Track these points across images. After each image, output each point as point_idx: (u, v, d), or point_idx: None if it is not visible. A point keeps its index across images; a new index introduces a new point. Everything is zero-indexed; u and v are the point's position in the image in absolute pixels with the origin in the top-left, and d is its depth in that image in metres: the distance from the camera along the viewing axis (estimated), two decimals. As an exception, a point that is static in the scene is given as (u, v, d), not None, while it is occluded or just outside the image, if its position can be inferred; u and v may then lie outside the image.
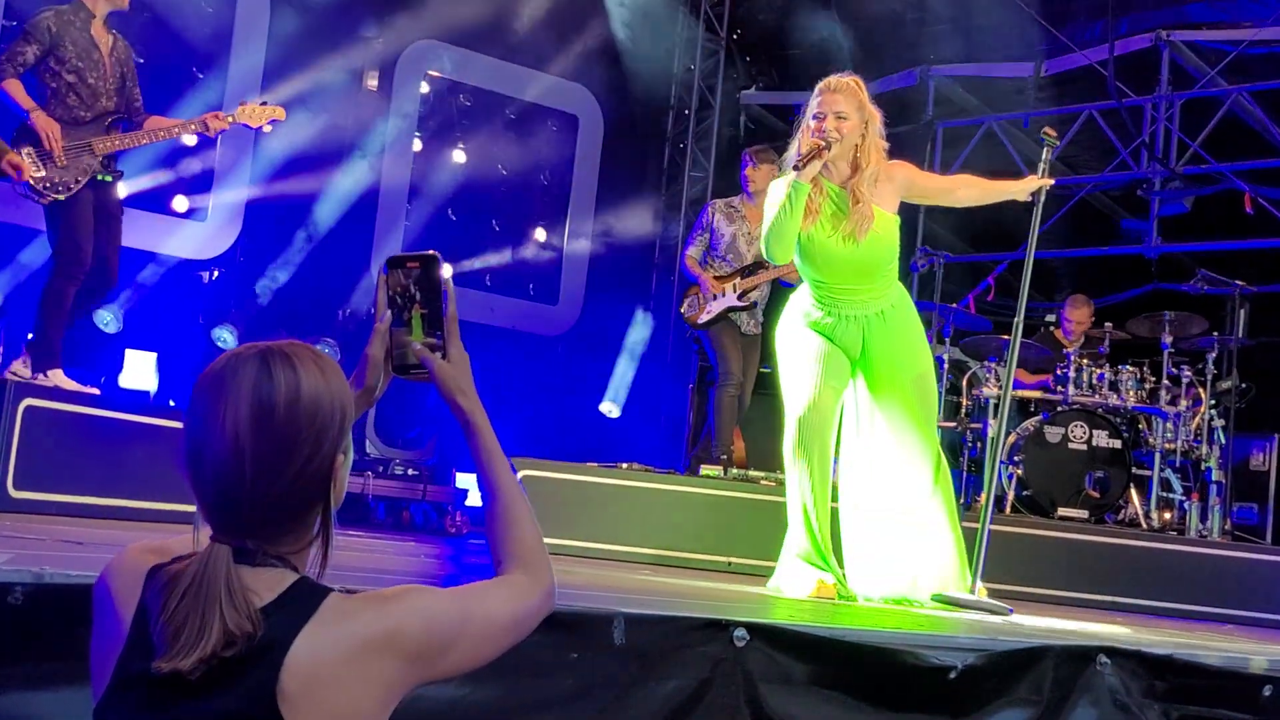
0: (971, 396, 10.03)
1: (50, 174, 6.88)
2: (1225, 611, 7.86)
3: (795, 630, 3.62)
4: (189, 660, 1.91)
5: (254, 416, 2.01)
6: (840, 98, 5.87)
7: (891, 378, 5.99)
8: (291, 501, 2.05)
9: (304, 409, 2.04)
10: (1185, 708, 4.06)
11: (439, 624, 2.06)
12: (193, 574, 1.97)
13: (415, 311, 2.34)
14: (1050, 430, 9.35)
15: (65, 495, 5.82)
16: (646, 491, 7.93)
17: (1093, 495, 9.17)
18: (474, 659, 2.14)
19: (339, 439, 2.10)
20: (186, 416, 2.09)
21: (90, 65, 7.05)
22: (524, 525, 2.32)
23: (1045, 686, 3.88)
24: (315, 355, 2.12)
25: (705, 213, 9.36)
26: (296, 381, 2.05)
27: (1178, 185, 12.05)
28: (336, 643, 1.96)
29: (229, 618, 1.93)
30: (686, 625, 3.48)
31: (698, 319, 9.28)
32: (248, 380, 2.03)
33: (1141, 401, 9.50)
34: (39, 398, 5.78)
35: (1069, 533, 8.30)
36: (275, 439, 2.02)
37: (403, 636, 2.01)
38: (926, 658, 3.72)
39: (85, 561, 2.95)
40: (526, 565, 2.28)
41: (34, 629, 2.68)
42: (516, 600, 2.21)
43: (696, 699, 3.41)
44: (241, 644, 1.92)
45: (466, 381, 2.36)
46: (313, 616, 1.97)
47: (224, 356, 2.10)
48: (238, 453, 2.00)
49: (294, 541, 2.08)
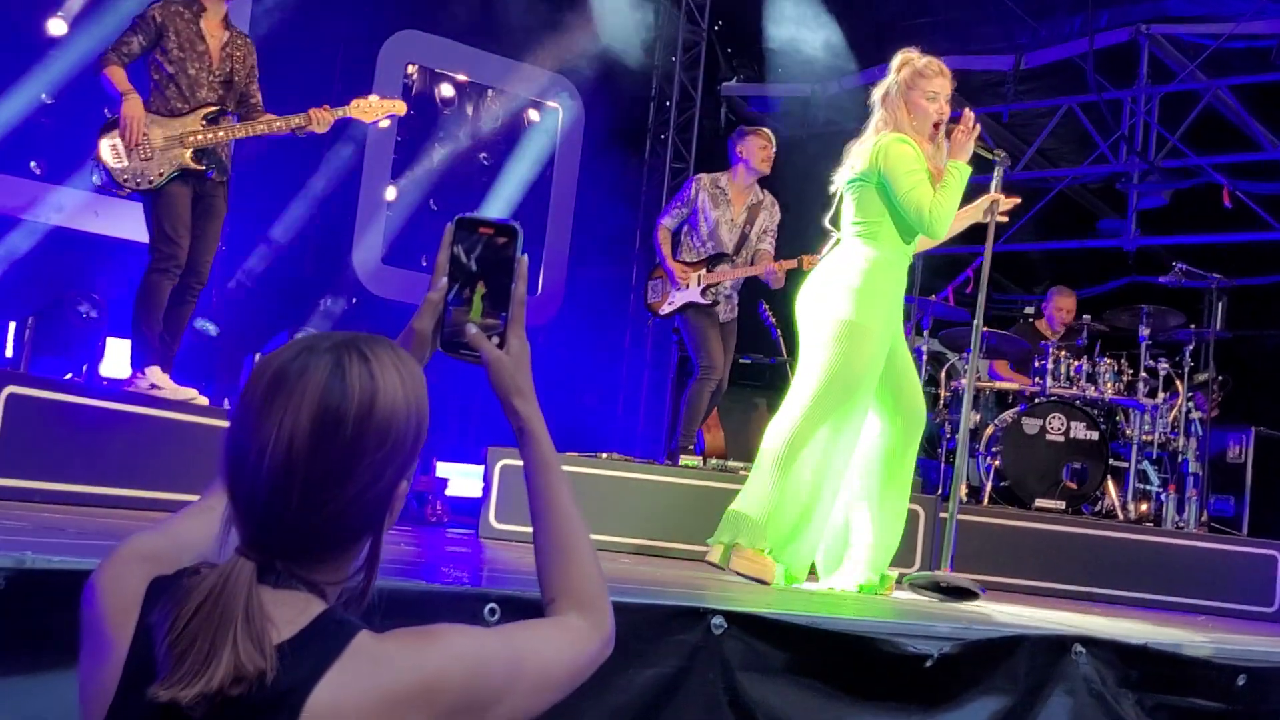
0: (949, 388, 10.07)
1: (133, 165, 6.81)
2: (1201, 602, 7.92)
3: (773, 619, 3.64)
4: (190, 691, 1.64)
5: (316, 428, 1.72)
6: (950, 85, 6.13)
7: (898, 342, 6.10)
8: (340, 528, 1.78)
9: (376, 424, 1.75)
10: (1160, 697, 4.10)
11: (485, 674, 1.78)
12: (208, 589, 1.70)
13: (478, 288, 2.04)
14: (1028, 422, 9.39)
15: (48, 483, 5.81)
16: (626, 481, 7.95)
17: (1070, 487, 9.21)
18: (521, 713, 1.85)
19: (408, 463, 1.81)
20: (236, 410, 1.80)
21: (193, 57, 6.95)
22: (584, 557, 2.03)
23: (1021, 675, 3.91)
24: (397, 358, 1.82)
25: (689, 187, 9.28)
26: (373, 390, 1.75)
27: (1156, 179, 12.12)
28: (363, 695, 1.68)
29: (242, 648, 1.65)
30: (665, 613, 3.49)
31: (659, 308, 9.25)
32: (316, 381, 1.73)
33: (1119, 394, 9.55)
34: (22, 385, 5.77)
35: (1046, 524, 8.35)
36: (337, 458, 1.73)
37: (442, 690, 1.72)
38: (903, 646, 3.74)
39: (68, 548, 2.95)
40: (585, 607, 2.00)
41: (15, 615, 2.68)
42: (576, 648, 1.95)
43: (674, 686, 3.43)
44: (251, 684, 1.65)
45: (525, 379, 2.07)
46: (337, 660, 1.69)
47: (293, 346, 1.80)
48: (289, 467, 1.71)
49: (331, 571, 1.80)
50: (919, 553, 7.67)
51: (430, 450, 11.58)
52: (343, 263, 12.07)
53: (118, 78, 6.84)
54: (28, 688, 2.63)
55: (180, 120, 6.93)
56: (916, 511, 7.68)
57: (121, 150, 6.80)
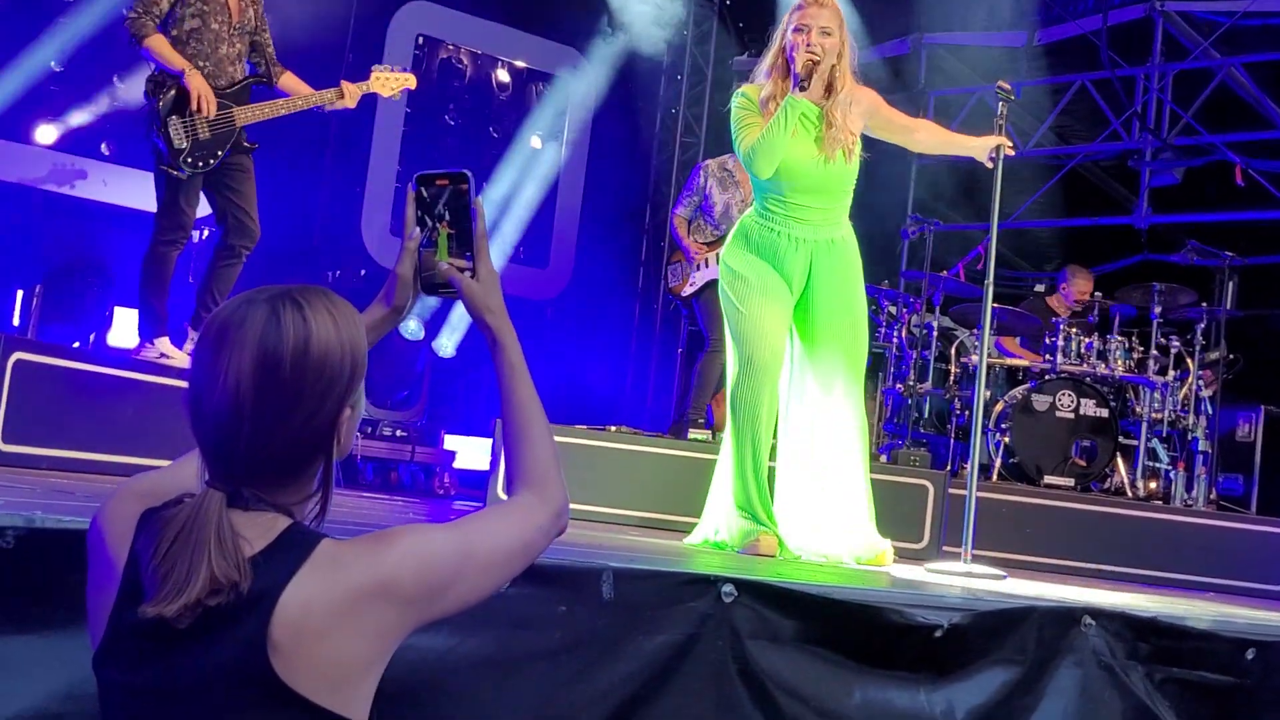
0: (960, 364, 10.04)
1: (195, 145, 6.71)
2: (1209, 580, 7.90)
3: (782, 587, 3.63)
4: (174, 606, 1.87)
5: (257, 369, 1.95)
6: (825, 12, 5.72)
7: (830, 317, 5.87)
8: (291, 455, 2.01)
9: (311, 362, 1.98)
10: (1169, 670, 4.08)
11: (437, 564, 2.00)
12: (184, 518, 1.93)
13: (443, 230, 2.32)
14: (1038, 399, 9.36)
15: (55, 450, 5.80)
16: (634, 454, 7.93)
17: (1079, 464, 9.20)
18: (479, 591, 2.09)
19: (346, 394, 2.04)
20: (192, 360, 2.02)
21: (215, 10, 6.83)
22: (537, 443, 2.30)
23: (1030, 647, 3.89)
24: (330, 302, 2.05)
25: (697, 174, 9.33)
26: (306, 333, 1.98)
27: (1169, 156, 12.07)
28: (328, 592, 1.91)
29: (216, 565, 1.88)
30: (675, 581, 3.49)
31: (681, 290, 9.30)
32: (254, 329, 1.96)
33: (1129, 371, 9.53)
34: (29, 352, 5.76)
35: (1055, 500, 8.32)
36: (278, 393, 1.96)
37: (398, 583, 1.95)
38: (912, 616, 3.73)
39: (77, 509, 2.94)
40: (535, 484, 2.25)
41: (24, 573, 2.69)
42: (524, 523, 2.18)
43: (684, 653, 3.42)
44: (228, 593, 1.88)
45: (495, 299, 2.34)
46: (303, 565, 1.92)
47: (235, 300, 2.03)
48: (237, 405, 1.94)
49: (293, 493, 2.04)
50: (927, 529, 7.64)
51: (438, 424, 11.60)
52: (352, 234, 12.06)
53: (165, 50, 6.67)
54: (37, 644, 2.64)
55: (226, 97, 6.82)
56: (925, 487, 7.65)
57: (184, 131, 6.69)
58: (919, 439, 9.90)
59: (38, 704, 2.62)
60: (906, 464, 7.85)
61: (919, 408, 10.21)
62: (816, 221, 5.84)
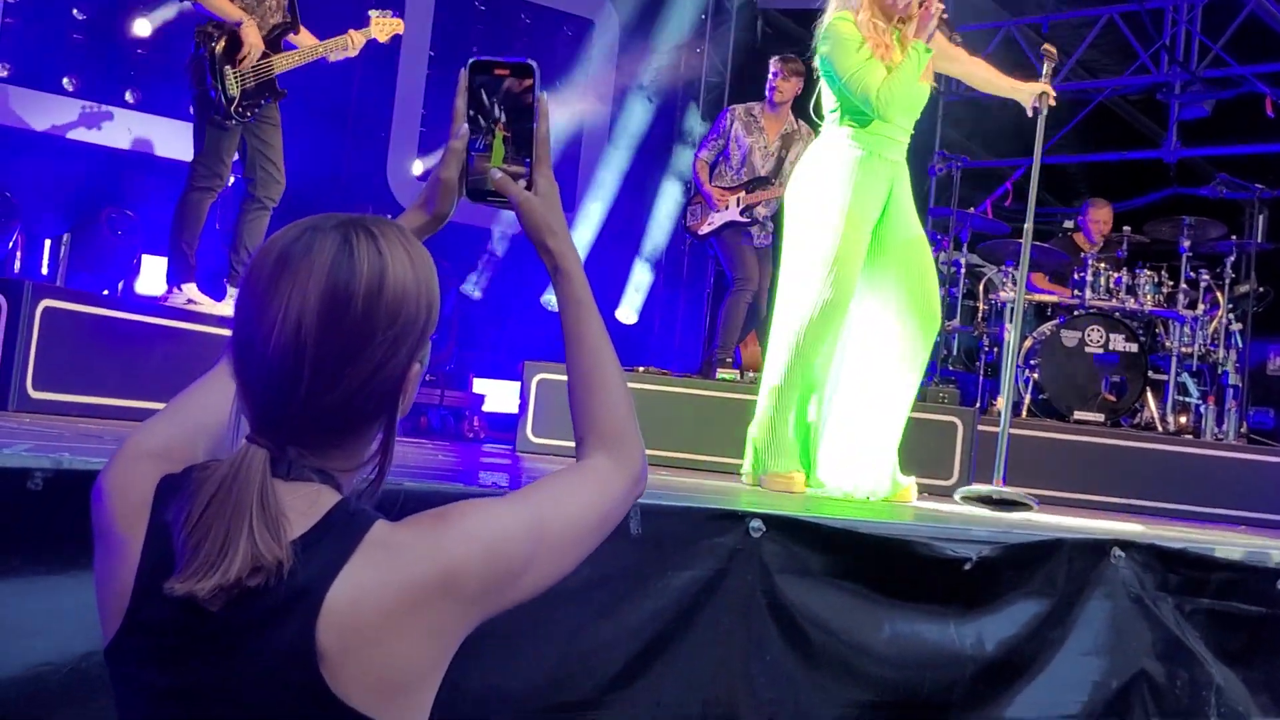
0: (988, 301, 10.01)
1: (244, 94, 6.82)
2: (1240, 514, 7.87)
3: (810, 521, 3.64)
4: (208, 583, 1.60)
5: (325, 306, 1.66)
6: None
7: (903, 238, 5.89)
8: (350, 412, 1.72)
9: (386, 304, 1.69)
10: (1198, 600, 4.09)
11: (507, 549, 1.72)
12: (221, 479, 1.65)
13: (498, 131, 1.98)
14: (1067, 334, 9.32)
15: (83, 396, 5.84)
16: (662, 395, 7.94)
17: (1109, 399, 9.16)
18: (554, 575, 1.80)
19: (418, 345, 1.76)
20: (242, 293, 1.73)
21: None
22: (612, 393, 1.96)
23: (1060, 579, 3.90)
24: (406, 239, 1.77)
25: (724, 118, 9.35)
26: (382, 268, 1.70)
27: (1198, 89, 11.96)
28: (383, 588, 1.63)
29: (259, 537, 1.61)
30: (703, 516, 3.49)
31: (698, 229, 9.33)
32: (323, 259, 1.68)
33: (1159, 305, 9.48)
34: (57, 299, 5.78)
35: (1085, 436, 8.30)
36: (346, 335, 1.67)
37: (464, 574, 1.67)
38: (942, 550, 3.73)
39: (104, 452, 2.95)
40: (611, 444, 1.92)
41: (53, 514, 2.70)
42: (601, 493, 1.87)
43: (712, 588, 3.44)
44: (269, 574, 1.60)
45: (557, 219, 1.99)
46: (353, 555, 1.64)
47: (296, 226, 1.75)
48: (298, 348, 1.66)
49: (347, 458, 1.76)
50: (957, 465, 7.62)
51: (467, 367, 11.63)
52: (377, 178, 12.05)
53: (220, 1, 6.80)
54: (67, 584, 2.65)
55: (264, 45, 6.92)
56: (954, 424, 7.64)
57: (237, 80, 6.79)
58: (947, 376, 9.87)
59: (66, 643, 2.64)
60: (936, 401, 7.82)
61: (947, 345, 10.18)
62: (902, 142, 5.93)
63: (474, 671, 3.05)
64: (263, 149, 7.00)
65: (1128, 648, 3.93)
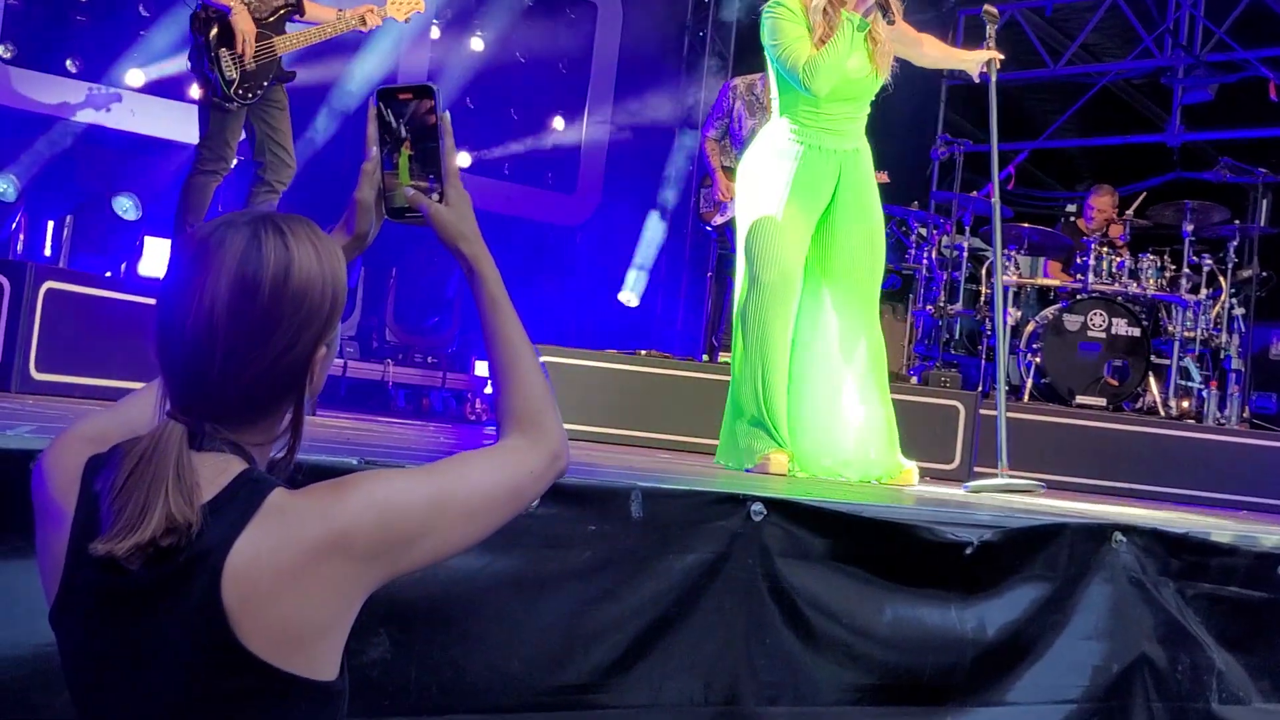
0: (990, 285, 10.00)
1: (243, 77, 6.80)
2: (1242, 498, 7.88)
3: (812, 505, 3.63)
4: (126, 543, 1.76)
5: (234, 294, 1.83)
6: None
7: (852, 230, 5.86)
8: (262, 390, 1.89)
9: (291, 291, 1.86)
10: (1200, 585, 4.09)
11: (401, 515, 1.86)
12: (142, 451, 1.82)
13: (404, 151, 2.12)
14: (1069, 318, 9.32)
15: (85, 378, 5.84)
16: (664, 378, 7.95)
17: (1111, 383, 9.16)
18: (457, 542, 1.94)
19: (324, 330, 1.92)
20: (163, 281, 1.92)
21: None
22: (527, 380, 2.09)
23: (1061, 563, 3.90)
24: (312, 232, 1.93)
25: (725, 95, 9.22)
26: (288, 260, 1.86)
27: (1201, 73, 11.94)
28: (278, 549, 1.78)
29: (173, 501, 1.77)
30: (704, 499, 3.49)
31: (712, 218, 9.29)
32: (234, 252, 1.84)
33: (1161, 290, 9.47)
34: (60, 281, 5.78)
35: (1088, 420, 8.30)
36: (254, 322, 1.84)
37: (354, 537, 1.81)
38: (943, 534, 3.73)
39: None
40: (527, 425, 2.06)
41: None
42: (513, 467, 2.01)
43: (714, 572, 3.43)
44: (181, 534, 1.76)
45: (468, 225, 2.12)
46: (252, 518, 1.79)
47: (214, 221, 1.91)
48: (210, 331, 1.83)
49: (259, 433, 1.92)
50: (958, 449, 7.64)
51: (469, 350, 11.63)
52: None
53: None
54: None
55: (265, 27, 6.90)
56: (956, 408, 7.65)
57: (234, 62, 6.77)
58: (950, 360, 9.87)
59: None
60: (937, 385, 7.84)
61: (949, 329, 10.18)
62: (847, 131, 5.86)
63: (474, 653, 3.06)
64: (270, 133, 6.99)
65: (1129, 632, 3.93)
